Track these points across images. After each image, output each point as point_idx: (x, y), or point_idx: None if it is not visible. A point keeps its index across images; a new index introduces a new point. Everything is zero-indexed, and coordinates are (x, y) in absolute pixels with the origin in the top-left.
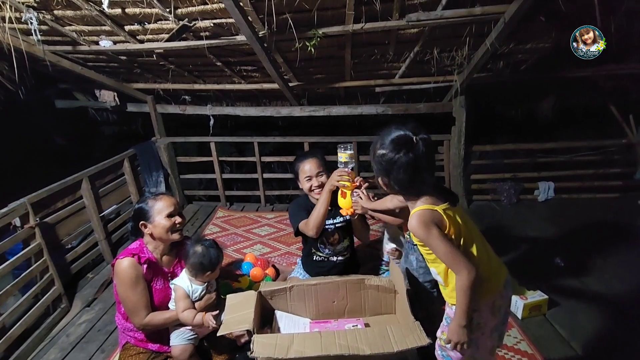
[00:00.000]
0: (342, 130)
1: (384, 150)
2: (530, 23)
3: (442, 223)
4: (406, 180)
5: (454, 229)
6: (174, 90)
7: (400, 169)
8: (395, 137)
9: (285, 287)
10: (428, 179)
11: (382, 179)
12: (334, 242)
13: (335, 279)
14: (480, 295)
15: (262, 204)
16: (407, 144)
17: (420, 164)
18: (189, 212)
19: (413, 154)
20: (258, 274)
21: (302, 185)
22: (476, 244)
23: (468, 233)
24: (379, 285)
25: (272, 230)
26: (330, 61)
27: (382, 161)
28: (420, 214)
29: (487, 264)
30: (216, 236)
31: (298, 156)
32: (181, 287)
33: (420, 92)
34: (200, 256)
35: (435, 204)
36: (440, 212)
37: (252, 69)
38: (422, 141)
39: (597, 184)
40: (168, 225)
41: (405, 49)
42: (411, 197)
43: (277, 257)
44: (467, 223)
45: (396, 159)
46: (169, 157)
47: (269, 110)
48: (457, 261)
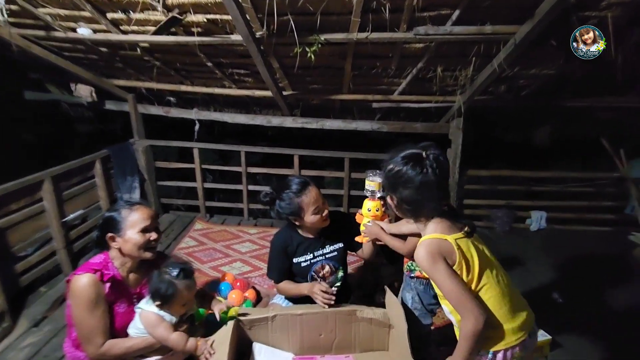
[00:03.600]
0: (334, 146)
1: (392, 165)
2: (538, 48)
3: (451, 256)
4: (414, 199)
5: (465, 265)
6: (158, 91)
7: (407, 185)
8: (405, 153)
9: (267, 317)
10: (439, 200)
11: (391, 196)
12: (326, 276)
13: (323, 310)
14: (494, 343)
15: (245, 217)
16: (415, 158)
17: (429, 181)
18: (164, 222)
19: (421, 169)
20: (237, 297)
21: (306, 219)
22: (492, 283)
23: (483, 270)
24: (372, 319)
25: (254, 247)
26: (329, 71)
27: (390, 176)
28: (428, 243)
29: (505, 308)
30: (192, 250)
31: (289, 189)
32: (152, 311)
33: (417, 112)
34: (158, 285)
35: (448, 232)
36: (452, 242)
37: (244, 73)
38: (432, 157)
39: (589, 217)
40: (141, 242)
41: (408, 64)
42: (421, 219)
43: (259, 278)
44: (484, 257)
45: (403, 173)
46: (147, 161)
47: (259, 118)
48: (464, 303)
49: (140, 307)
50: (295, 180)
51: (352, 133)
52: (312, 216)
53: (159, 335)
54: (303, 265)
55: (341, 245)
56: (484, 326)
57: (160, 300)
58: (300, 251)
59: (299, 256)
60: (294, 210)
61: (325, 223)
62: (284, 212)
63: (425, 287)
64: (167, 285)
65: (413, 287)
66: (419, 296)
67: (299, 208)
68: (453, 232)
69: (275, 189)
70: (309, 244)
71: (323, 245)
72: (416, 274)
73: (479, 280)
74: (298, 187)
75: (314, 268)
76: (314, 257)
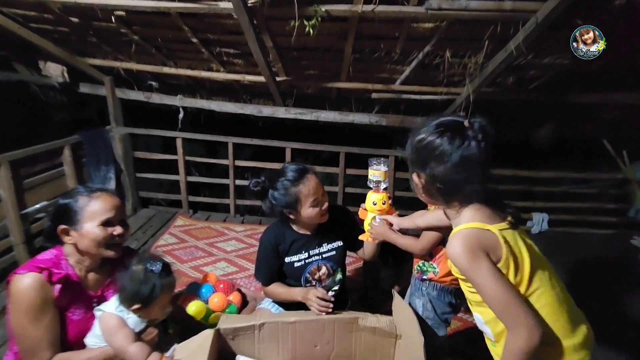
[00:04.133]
0: (328, 139)
1: (424, 134)
2: (557, 32)
3: (496, 251)
4: (450, 178)
5: (513, 262)
6: (139, 73)
7: (441, 160)
8: (441, 120)
9: (253, 325)
10: (482, 181)
11: (418, 175)
12: (322, 278)
13: (320, 317)
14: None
15: (231, 214)
16: (455, 127)
17: (472, 157)
18: (142, 217)
19: (462, 141)
20: (220, 301)
21: (303, 213)
22: (546, 287)
23: (534, 270)
24: (376, 328)
25: (241, 246)
26: (327, 54)
27: (420, 148)
28: (466, 234)
29: (563, 320)
30: (171, 248)
31: (284, 177)
32: (115, 314)
33: (418, 105)
34: (138, 284)
35: (489, 220)
36: (496, 233)
37: (234, 53)
38: (478, 126)
39: (592, 219)
40: (101, 237)
41: (414, 48)
42: (454, 204)
43: (245, 279)
44: (534, 254)
45: (438, 144)
46: (125, 151)
47: (249, 107)
48: (514, 313)
49: (101, 309)
50: (292, 166)
51: (347, 127)
52: (309, 209)
53: (117, 344)
54: (297, 266)
55: (340, 243)
56: (539, 343)
57: (141, 303)
58: (294, 249)
59: (292, 255)
60: (290, 202)
61: (324, 218)
62: (278, 203)
63: (439, 293)
64: (150, 284)
65: (425, 293)
66: (431, 303)
67: (296, 199)
68: (495, 221)
69: (269, 177)
70: (304, 241)
71: (320, 244)
72: (429, 276)
73: (529, 283)
74: (295, 174)
75: (309, 269)
76: (309, 256)
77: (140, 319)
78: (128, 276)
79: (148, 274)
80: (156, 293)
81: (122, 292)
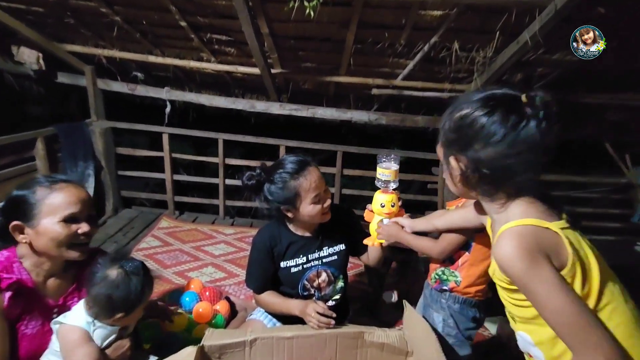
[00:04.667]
0: (323, 139)
1: (469, 109)
2: (569, 24)
3: (559, 255)
4: (500, 164)
5: (581, 271)
6: (122, 61)
7: (491, 141)
8: (492, 93)
9: (244, 341)
10: (538, 169)
11: (457, 158)
12: (321, 286)
13: (321, 331)
14: None
15: (221, 215)
16: (509, 101)
17: (529, 138)
18: (123, 218)
19: (518, 119)
20: (205, 311)
21: (302, 210)
22: (619, 302)
23: (604, 282)
24: (384, 343)
25: (230, 250)
26: (327, 45)
27: (462, 125)
28: (522, 232)
29: (636, 340)
30: (154, 252)
31: (282, 169)
32: (77, 326)
33: (419, 103)
34: (112, 286)
35: (546, 217)
36: (559, 233)
37: (226, 40)
38: (540, 101)
39: (594, 224)
40: (63, 235)
41: (420, 39)
42: (500, 196)
43: (234, 286)
44: (602, 262)
45: (488, 122)
46: (106, 146)
47: (241, 102)
48: (587, 333)
49: (60, 321)
50: (292, 158)
51: (344, 127)
52: (310, 206)
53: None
54: (293, 272)
55: (342, 247)
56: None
57: (125, 311)
58: (291, 253)
59: (289, 259)
60: (288, 197)
61: (326, 217)
62: (274, 199)
63: (462, 306)
64: (135, 287)
65: (445, 306)
66: (453, 318)
67: (295, 194)
68: (553, 218)
69: (265, 169)
70: (303, 244)
71: (320, 247)
72: (450, 287)
73: (599, 297)
74: (295, 166)
75: (307, 275)
76: (308, 261)
77: (110, 329)
78: (103, 282)
79: (129, 276)
80: (143, 297)
81: (96, 301)
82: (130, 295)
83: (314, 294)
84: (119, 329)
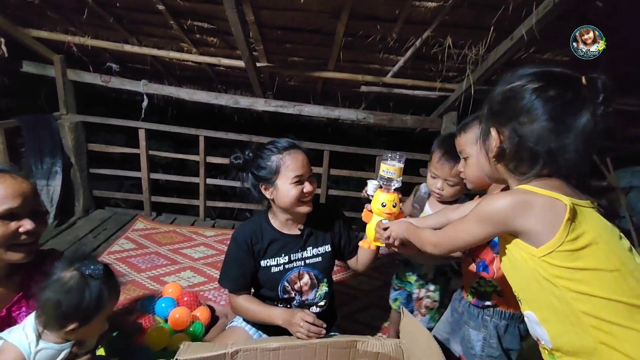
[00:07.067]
0: (309, 138)
1: (522, 81)
2: (563, 22)
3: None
4: (544, 141)
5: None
6: (95, 51)
7: (539, 116)
8: (548, 70)
9: (225, 353)
10: (582, 155)
11: (499, 131)
12: (303, 289)
13: (310, 340)
14: None
15: (201, 217)
16: (568, 81)
17: (582, 121)
18: (94, 219)
19: (575, 100)
20: (182, 317)
21: (281, 187)
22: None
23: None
24: (379, 353)
25: (210, 253)
26: (316, 37)
27: (511, 97)
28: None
29: None
30: (127, 255)
31: (270, 145)
32: (15, 345)
33: (408, 102)
34: (63, 291)
35: (564, 193)
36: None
37: (209, 28)
38: (601, 83)
39: None
40: (3, 234)
41: (412, 33)
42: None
43: (214, 292)
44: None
45: (540, 97)
46: (76, 142)
47: (224, 97)
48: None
49: (2, 337)
50: (284, 139)
51: (330, 126)
52: (289, 186)
53: None
54: (274, 271)
55: (328, 248)
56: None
57: (79, 320)
58: (272, 251)
59: (270, 258)
60: (270, 171)
61: (306, 208)
62: (258, 172)
63: (509, 322)
64: (93, 292)
65: (490, 324)
66: (498, 338)
67: (276, 168)
68: (575, 197)
69: (255, 147)
70: (286, 242)
71: (304, 247)
72: (494, 301)
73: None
74: (285, 144)
75: (289, 276)
76: (290, 261)
77: (57, 348)
78: (53, 285)
79: (85, 279)
80: (101, 304)
81: (44, 308)
82: (84, 302)
83: (295, 297)
84: (72, 344)
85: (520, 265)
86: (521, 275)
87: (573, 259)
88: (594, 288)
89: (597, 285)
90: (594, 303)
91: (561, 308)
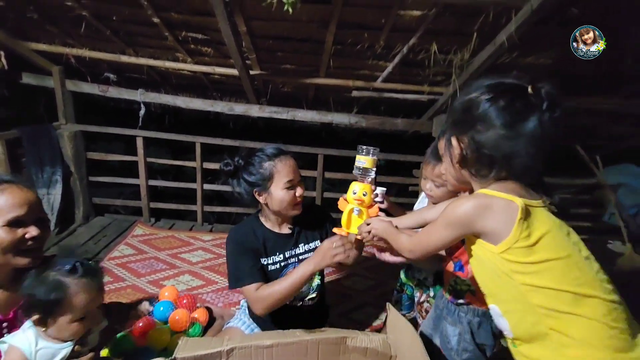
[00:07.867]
0: (303, 143)
1: (477, 92)
2: (543, 26)
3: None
4: (498, 146)
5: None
6: (93, 62)
7: (493, 124)
8: (500, 81)
9: (220, 351)
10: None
11: (459, 139)
12: None
13: (301, 337)
14: None
15: (199, 222)
16: (517, 91)
17: (530, 127)
18: (94, 226)
19: (522, 108)
20: (182, 318)
21: (274, 193)
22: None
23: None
24: (367, 348)
25: (208, 256)
26: (306, 46)
27: (468, 107)
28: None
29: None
30: (127, 260)
31: (260, 152)
32: (17, 347)
33: (398, 105)
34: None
35: (518, 195)
36: (519, 205)
37: (203, 39)
38: (545, 93)
39: (569, 224)
40: (7, 241)
41: (399, 41)
42: (488, 176)
43: (212, 294)
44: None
45: (493, 106)
46: (75, 151)
47: (219, 105)
48: None
49: (5, 340)
50: (271, 145)
51: (324, 131)
52: (282, 191)
53: None
54: (271, 270)
55: (318, 243)
56: None
57: (38, 311)
58: (268, 250)
59: (267, 257)
60: (263, 177)
61: (297, 210)
62: (249, 180)
63: (482, 319)
64: (49, 286)
65: (464, 320)
66: (471, 333)
67: (269, 175)
68: (528, 197)
69: (245, 154)
70: (278, 241)
71: (296, 244)
72: (466, 299)
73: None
74: (274, 151)
75: (285, 273)
76: (285, 258)
77: (56, 347)
78: (27, 280)
79: (50, 275)
80: (59, 295)
81: (23, 302)
82: (51, 292)
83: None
84: (72, 344)
85: (483, 263)
86: (485, 272)
87: (528, 254)
88: (544, 280)
89: (547, 276)
90: (545, 294)
91: (519, 300)
